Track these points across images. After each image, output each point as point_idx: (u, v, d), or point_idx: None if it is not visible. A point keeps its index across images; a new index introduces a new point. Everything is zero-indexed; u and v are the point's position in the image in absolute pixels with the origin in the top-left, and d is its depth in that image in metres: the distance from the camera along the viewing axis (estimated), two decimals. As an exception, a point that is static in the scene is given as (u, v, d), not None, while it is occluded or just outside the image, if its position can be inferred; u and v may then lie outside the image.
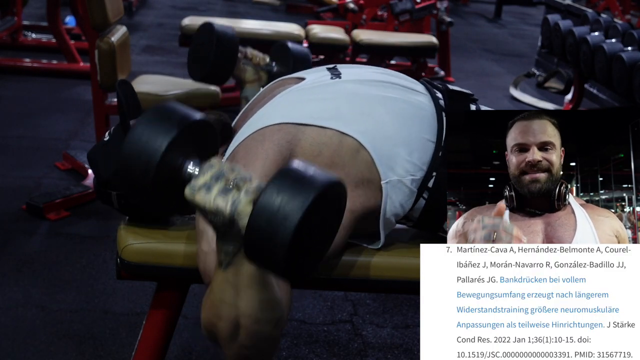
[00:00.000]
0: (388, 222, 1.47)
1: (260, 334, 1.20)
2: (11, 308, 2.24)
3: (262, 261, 1.06)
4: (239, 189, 1.09)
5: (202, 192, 1.09)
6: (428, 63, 5.03)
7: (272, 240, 1.02)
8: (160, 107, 1.12)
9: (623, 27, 4.05)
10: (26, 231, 2.73)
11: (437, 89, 1.58)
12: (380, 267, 1.49)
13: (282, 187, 1.03)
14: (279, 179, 1.04)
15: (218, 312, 1.20)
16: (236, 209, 1.07)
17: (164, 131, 1.08)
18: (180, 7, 7.94)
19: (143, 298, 2.33)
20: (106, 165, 1.51)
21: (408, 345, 2.22)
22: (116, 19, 2.81)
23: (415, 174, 1.45)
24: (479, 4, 10.41)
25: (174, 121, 1.09)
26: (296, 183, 1.03)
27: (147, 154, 1.07)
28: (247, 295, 1.17)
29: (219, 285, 1.18)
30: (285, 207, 1.01)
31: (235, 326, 1.19)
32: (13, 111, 4.05)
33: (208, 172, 1.10)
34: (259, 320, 1.19)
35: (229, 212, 1.08)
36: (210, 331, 1.24)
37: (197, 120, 1.11)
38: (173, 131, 1.08)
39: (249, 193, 1.08)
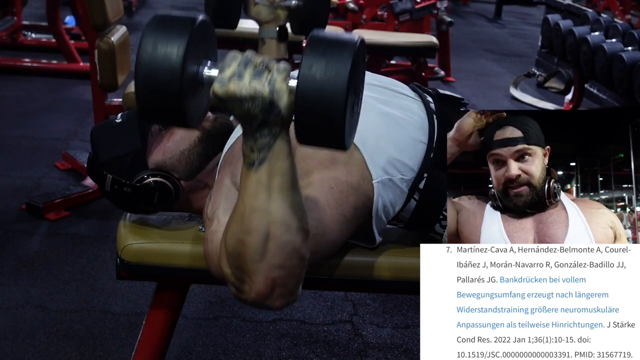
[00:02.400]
0: (380, 221, 1.47)
1: (291, 247, 1.15)
2: (11, 308, 2.24)
3: (319, 130, 1.03)
4: (269, 69, 1.06)
5: (235, 80, 1.06)
6: (428, 63, 5.03)
7: (327, 103, 1.00)
8: (160, 17, 1.09)
9: (623, 27, 4.05)
10: (26, 231, 2.73)
11: (427, 93, 1.60)
12: (380, 267, 1.49)
13: (319, 53, 1.01)
14: (313, 45, 1.03)
15: (248, 224, 1.14)
16: (274, 88, 1.05)
17: (176, 37, 1.04)
18: (180, 7, 7.93)
19: (143, 298, 2.32)
20: (108, 148, 1.50)
21: (408, 345, 2.22)
22: (116, 19, 2.80)
23: (405, 174, 1.45)
24: (479, 4, 10.41)
25: (181, 25, 1.05)
26: (331, 45, 1.02)
27: (168, 63, 1.03)
28: (279, 198, 1.13)
29: (250, 190, 1.13)
30: (331, 68, 1.00)
31: (266, 238, 1.14)
32: (13, 111, 4.05)
33: (233, 62, 1.07)
34: (290, 228, 1.14)
35: (268, 92, 1.05)
36: (236, 256, 1.17)
37: (201, 21, 1.08)
38: (185, 35, 1.04)
39: (281, 71, 1.06)
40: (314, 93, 1.01)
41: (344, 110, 1.01)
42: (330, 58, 1.01)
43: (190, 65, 1.06)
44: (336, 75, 1.00)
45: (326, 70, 1.01)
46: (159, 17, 1.08)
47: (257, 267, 1.15)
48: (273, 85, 1.05)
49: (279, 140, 1.10)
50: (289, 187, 1.13)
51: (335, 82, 1.00)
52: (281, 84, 1.05)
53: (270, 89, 1.05)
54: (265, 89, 1.05)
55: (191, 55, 1.05)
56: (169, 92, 1.04)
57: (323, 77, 1.01)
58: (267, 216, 1.13)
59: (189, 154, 1.52)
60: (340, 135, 1.03)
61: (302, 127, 1.04)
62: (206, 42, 1.11)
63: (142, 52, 1.05)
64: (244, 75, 1.06)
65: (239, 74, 1.06)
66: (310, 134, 1.05)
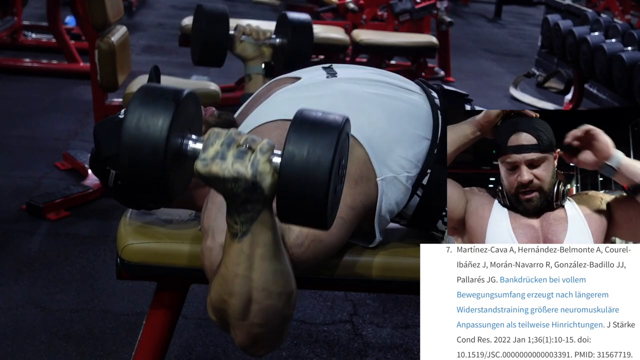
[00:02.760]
0: (383, 219, 1.47)
1: (273, 309, 1.19)
2: (11, 308, 2.24)
3: (300, 211, 1.05)
4: (252, 150, 1.07)
5: (217, 162, 1.06)
6: (428, 63, 5.03)
7: (310, 186, 1.01)
8: (147, 88, 1.08)
9: (623, 27, 4.05)
10: (26, 231, 2.73)
11: (432, 89, 1.59)
12: (380, 267, 1.49)
13: (304, 133, 1.02)
14: (296, 127, 1.03)
15: (230, 288, 1.17)
16: (257, 170, 1.05)
17: (161, 111, 1.04)
18: (180, 7, 7.93)
19: (143, 298, 2.33)
20: (111, 144, 1.50)
21: (408, 345, 2.22)
22: (116, 19, 2.81)
23: (410, 171, 1.45)
24: (479, 4, 10.41)
25: (167, 99, 1.06)
26: (315, 127, 1.03)
27: (152, 137, 1.03)
28: (261, 267, 1.15)
29: (232, 258, 1.15)
30: (315, 151, 1.01)
31: (248, 302, 1.17)
32: (13, 111, 4.05)
33: (216, 141, 1.08)
34: (271, 294, 1.17)
35: (251, 174, 1.06)
36: (220, 310, 1.22)
37: (187, 95, 1.08)
38: (171, 109, 1.04)
39: (264, 152, 1.06)
40: (297, 176, 1.02)
41: (326, 194, 1.02)
42: (314, 141, 1.02)
43: (175, 138, 1.06)
44: (319, 160, 1.01)
45: (310, 154, 1.01)
46: (147, 88, 1.09)
47: (240, 325, 1.20)
48: (256, 167, 1.05)
49: (262, 214, 1.11)
50: (271, 256, 1.15)
51: (318, 166, 1.01)
52: (264, 165, 1.06)
53: (253, 171, 1.05)
54: (248, 171, 1.05)
55: (175, 129, 1.06)
56: (152, 168, 1.05)
57: (307, 160, 1.01)
58: (249, 282, 1.16)
59: None
60: (322, 218, 1.05)
61: (283, 207, 1.06)
62: (191, 115, 1.11)
63: (127, 125, 1.05)
64: (227, 157, 1.06)
65: (222, 155, 1.06)
66: (291, 215, 1.07)
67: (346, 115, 1.08)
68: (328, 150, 1.01)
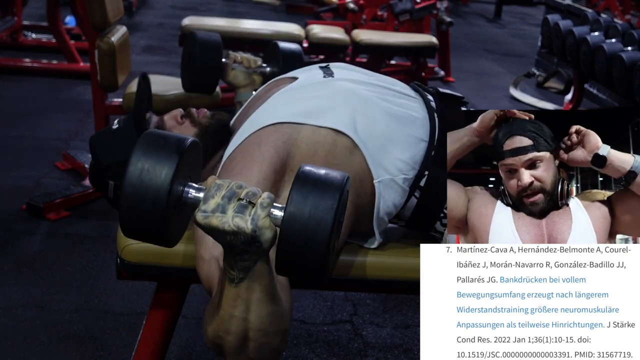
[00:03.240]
0: (381, 221, 1.47)
1: (268, 346, 1.20)
2: (11, 308, 2.24)
3: (298, 268, 1.05)
4: (253, 204, 1.07)
5: (218, 215, 1.06)
6: (428, 63, 5.03)
7: (309, 247, 1.01)
8: (150, 136, 1.08)
9: (623, 27, 4.05)
10: (26, 231, 2.73)
11: (428, 92, 1.60)
12: (380, 267, 1.49)
13: (306, 193, 1.03)
14: (299, 186, 1.04)
15: (227, 327, 1.19)
16: (257, 225, 1.05)
17: (165, 160, 1.04)
18: (181, 7, 7.94)
19: (143, 298, 2.33)
20: (109, 153, 1.50)
21: (408, 345, 2.22)
22: (116, 19, 2.81)
23: (407, 173, 1.45)
24: (479, 4, 10.41)
25: (171, 149, 1.06)
26: (317, 186, 1.03)
27: (154, 187, 1.03)
28: (258, 310, 1.16)
29: (229, 301, 1.17)
30: (316, 212, 1.01)
31: (244, 340, 1.19)
32: (13, 111, 4.05)
33: (217, 194, 1.07)
34: (268, 333, 1.18)
35: (251, 229, 1.06)
36: (217, 344, 1.23)
37: (190, 144, 1.08)
38: (174, 160, 1.05)
39: (265, 206, 1.06)
40: (298, 236, 1.02)
41: (325, 254, 1.02)
42: (316, 203, 1.02)
43: (176, 186, 1.06)
44: (320, 222, 1.02)
45: (311, 216, 1.02)
46: (150, 136, 1.08)
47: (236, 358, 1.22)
48: (256, 222, 1.05)
49: (259, 262, 1.11)
50: (268, 300, 1.16)
51: (319, 227, 1.02)
52: (264, 221, 1.05)
53: (253, 226, 1.05)
54: (249, 226, 1.05)
55: (178, 177, 1.06)
56: (153, 214, 1.05)
57: (308, 221, 1.02)
58: (246, 323, 1.17)
59: None
60: (319, 275, 1.05)
61: (282, 263, 1.06)
62: (192, 163, 1.12)
63: (130, 175, 1.05)
64: (227, 210, 1.06)
65: (222, 209, 1.06)
66: (288, 271, 1.07)
67: (346, 174, 1.09)
68: (329, 213, 1.02)
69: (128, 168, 1.05)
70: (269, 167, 1.35)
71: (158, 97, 2.79)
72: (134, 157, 1.05)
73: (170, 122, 1.60)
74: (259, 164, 1.35)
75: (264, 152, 1.37)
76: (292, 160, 1.37)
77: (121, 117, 1.57)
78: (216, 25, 4.34)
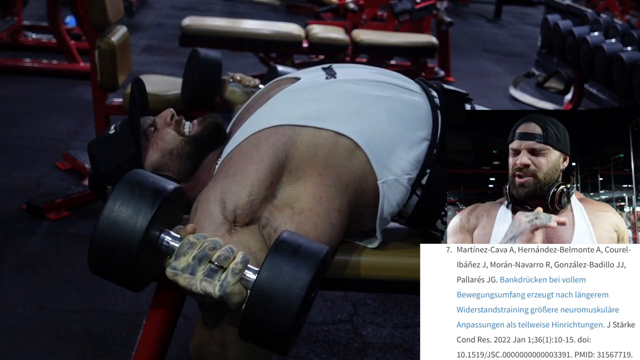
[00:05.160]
0: (384, 221, 1.47)
1: None
2: (11, 308, 2.24)
3: (262, 336, 1.04)
4: (223, 268, 1.05)
5: (186, 276, 1.05)
6: (428, 63, 5.03)
7: (276, 319, 1.00)
8: (131, 180, 1.06)
9: (623, 27, 4.05)
10: (26, 231, 2.73)
11: (432, 88, 1.59)
12: (380, 267, 1.49)
13: (282, 263, 1.01)
14: (275, 253, 1.02)
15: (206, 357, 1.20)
16: (224, 292, 1.04)
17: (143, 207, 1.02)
18: (181, 7, 7.94)
19: (143, 298, 2.33)
20: (106, 158, 1.51)
21: (408, 345, 2.22)
22: (116, 19, 2.81)
23: (411, 173, 1.45)
24: (479, 4, 10.42)
25: (150, 196, 1.03)
26: (295, 257, 1.02)
27: (127, 235, 1.01)
28: (234, 349, 1.17)
29: (204, 341, 1.16)
30: (289, 286, 1.00)
31: None
32: (13, 111, 4.05)
33: (189, 252, 1.06)
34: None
35: (218, 295, 1.04)
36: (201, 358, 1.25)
37: (170, 192, 1.06)
38: (151, 208, 1.02)
39: (236, 272, 1.05)
40: (266, 306, 1.00)
41: (292, 329, 1.01)
42: (290, 276, 1.01)
43: (152, 230, 1.04)
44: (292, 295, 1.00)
45: (283, 288, 1.00)
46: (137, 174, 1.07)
47: None
48: (224, 289, 1.04)
49: (230, 314, 1.12)
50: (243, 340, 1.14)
51: (289, 301, 1.00)
52: (232, 288, 1.04)
53: (220, 292, 1.04)
54: (216, 292, 1.04)
55: (155, 222, 1.04)
56: (124, 255, 1.03)
57: (278, 291, 1.00)
58: (224, 358, 1.18)
59: (178, 154, 1.53)
60: (282, 347, 1.04)
61: (245, 328, 1.04)
62: (172, 209, 1.10)
63: (107, 210, 1.03)
64: (196, 272, 1.05)
65: (192, 270, 1.05)
66: (251, 337, 1.05)
67: (325, 247, 1.07)
68: (301, 289, 1.00)
69: (108, 202, 1.03)
70: (266, 168, 1.35)
71: (158, 97, 2.80)
72: (112, 198, 1.03)
73: (160, 124, 1.60)
74: (255, 165, 1.35)
75: (262, 153, 1.37)
76: (290, 162, 1.37)
77: (118, 122, 1.57)
78: (216, 25, 4.34)
